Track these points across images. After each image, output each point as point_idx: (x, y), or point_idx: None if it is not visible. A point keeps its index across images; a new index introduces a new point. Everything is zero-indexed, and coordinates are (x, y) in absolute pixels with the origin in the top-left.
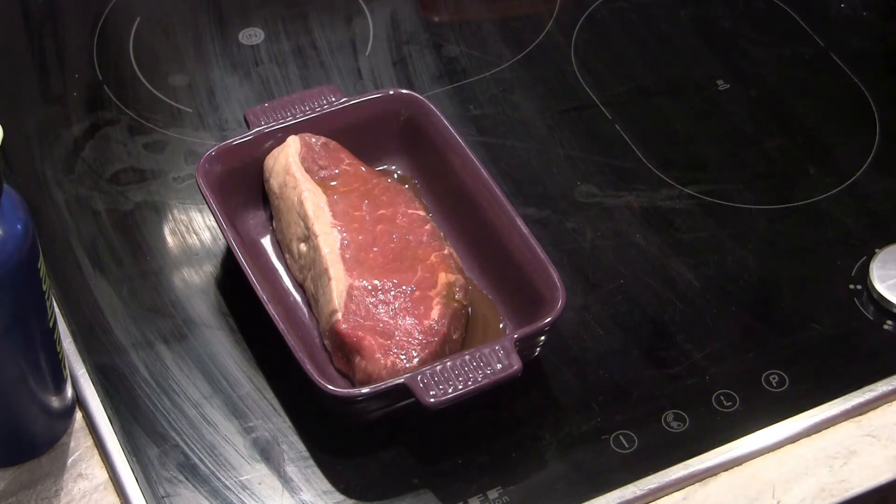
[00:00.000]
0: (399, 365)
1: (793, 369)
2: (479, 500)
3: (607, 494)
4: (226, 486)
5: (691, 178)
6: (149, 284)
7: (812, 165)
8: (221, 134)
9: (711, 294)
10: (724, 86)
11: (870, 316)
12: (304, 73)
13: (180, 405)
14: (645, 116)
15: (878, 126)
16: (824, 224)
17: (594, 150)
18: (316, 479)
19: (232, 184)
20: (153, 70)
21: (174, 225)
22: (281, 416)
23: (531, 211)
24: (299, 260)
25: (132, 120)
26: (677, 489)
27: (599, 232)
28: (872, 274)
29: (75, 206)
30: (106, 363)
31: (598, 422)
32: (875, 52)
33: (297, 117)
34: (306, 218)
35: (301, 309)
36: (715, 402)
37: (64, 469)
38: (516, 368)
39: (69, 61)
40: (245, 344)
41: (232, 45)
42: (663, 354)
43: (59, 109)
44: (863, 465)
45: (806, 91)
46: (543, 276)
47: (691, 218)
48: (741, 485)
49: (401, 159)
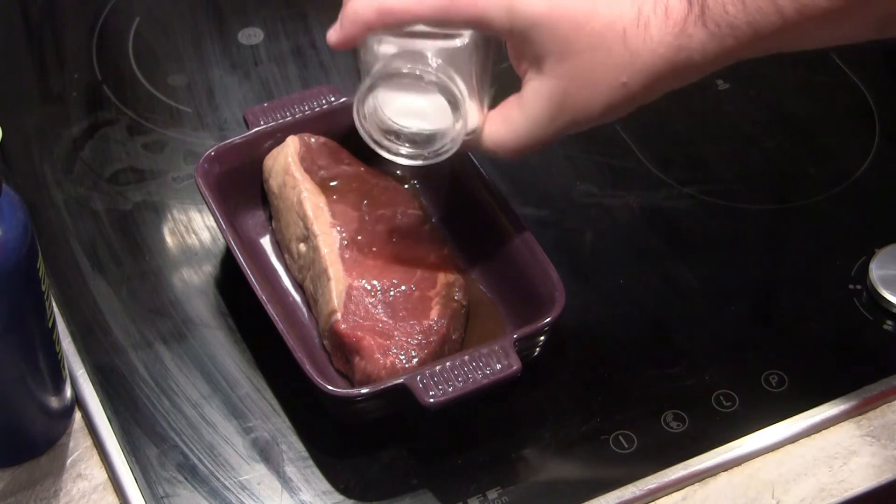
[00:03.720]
0: (398, 365)
1: (793, 369)
2: (479, 500)
3: (607, 494)
4: (225, 486)
5: (691, 178)
6: (148, 284)
7: (812, 165)
8: (221, 134)
9: (711, 294)
10: (723, 86)
11: (869, 316)
12: (304, 73)
13: (179, 405)
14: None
15: (877, 126)
16: (824, 224)
17: (593, 150)
18: (315, 480)
19: (231, 184)
20: (152, 70)
21: (173, 225)
22: (280, 416)
23: (531, 211)
24: (298, 260)
25: (131, 120)
26: (677, 489)
27: (599, 232)
28: (872, 274)
29: (74, 207)
30: (105, 363)
31: (597, 422)
32: (875, 52)
33: (297, 117)
34: (305, 218)
35: (300, 309)
36: (714, 402)
37: (63, 469)
38: (516, 368)
39: (68, 61)
40: (244, 344)
41: (231, 45)
42: (663, 354)
43: (58, 109)
44: (863, 465)
45: (806, 91)
46: (543, 276)
47: (691, 218)
48: (741, 485)
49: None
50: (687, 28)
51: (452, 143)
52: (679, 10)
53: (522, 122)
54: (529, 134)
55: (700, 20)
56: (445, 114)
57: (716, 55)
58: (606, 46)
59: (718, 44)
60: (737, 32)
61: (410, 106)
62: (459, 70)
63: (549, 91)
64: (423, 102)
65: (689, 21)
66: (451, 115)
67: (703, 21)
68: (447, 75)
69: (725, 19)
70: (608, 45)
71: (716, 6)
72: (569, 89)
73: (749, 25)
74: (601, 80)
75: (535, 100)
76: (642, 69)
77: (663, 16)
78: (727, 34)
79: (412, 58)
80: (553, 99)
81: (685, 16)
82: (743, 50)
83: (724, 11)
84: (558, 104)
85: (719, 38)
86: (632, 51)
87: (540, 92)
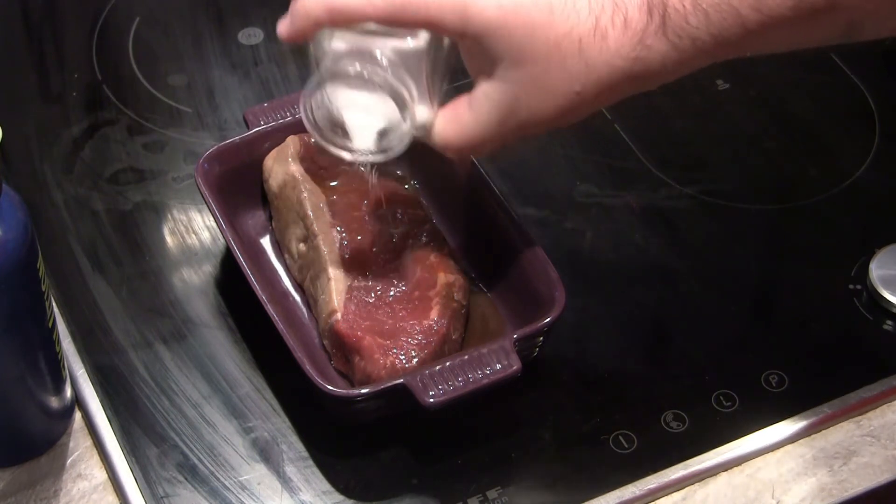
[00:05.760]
0: (398, 365)
1: (792, 369)
2: (479, 500)
3: (607, 494)
4: (225, 486)
5: (691, 178)
6: (148, 284)
7: (812, 165)
8: (221, 134)
9: (711, 294)
10: (723, 86)
11: (869, 316)
12: (304, 73)
13: (179, 405)
14: (645, 116)
15: (877, 126)
16: (824, 224)
17: (593, 150)
18: (315, 480)
19: (231, 184)
20: (152, 70)
21: (173, 225)
22: (280, 416)
23: (531, 211)
24: (298, 260)
25: (131, 120)
26: (677, 489)
27: (599, 232)
28: (872, 274)
29: (74, 207)
30: (105, 363)
31: (597, 422)
32: (875, 52)
33: (297, 117)
34: (306, 218)
35: (300, 309)
36: (714, 402)
37: (63, 469)
38: (516, 368)
39: (68, 61)
40: (244, 344)
41: (231, 45)
42: (663, 354)
43: (58, 109)
44: (862, 465)
45: (806, 91)
46: (543, 276)
47: (691, 218)
48: (741, 485)
49: (400, 159)
50: (646, 39)
51: (400, 141)
52: (638, 20)
53: (471, 123)
54: (478, 135)
55: (660, 31)
56: (394, 110)
57: (676, 64)
58: (561, 56)
59: (679, 54)
60: (698, 43)
61: (358, 102)
62: (410, 69)
63: (501, 96)
64: (371, 99)
65: (648, 32)
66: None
67: (664, 32)
68: (396, 76)
69: (687, 31)
70: (563, 55)
71: (677, 17)
72: (520, 95)
73: (711, 37)
74: (554, 88)
75: (486, 103)
76: (597, 80)
77: (622, 27)
78: (688, 45)
79: (361, 57)
80: (504, 103)
81: (644, 27)
82: (705, 58)
83: (685, 23)
84: (509, 109)
85: (680, 50)
86: (587, 61)
87: (491, 96)
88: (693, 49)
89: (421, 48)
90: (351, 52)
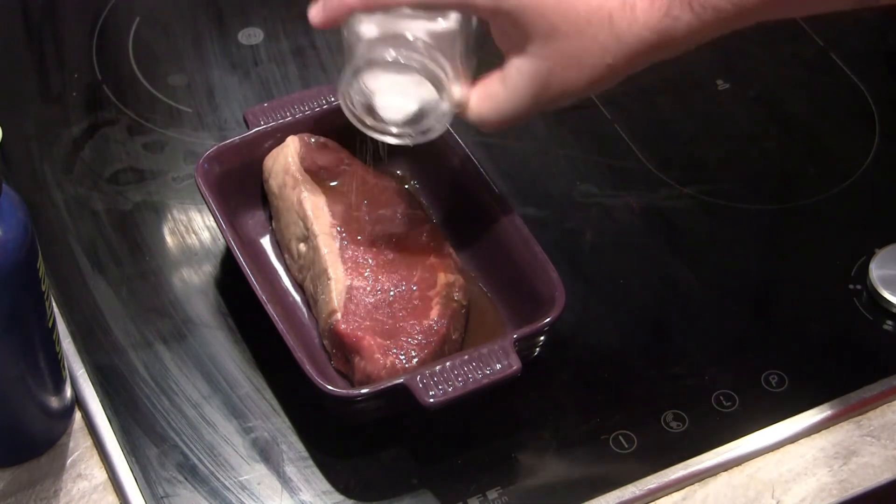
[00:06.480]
0: (398, 365)
1: (792, 369)
2: (479, 500)
3: (607, 494)
4: (225, 486)
5: (691, 178)
6: (148, 284)
7: (812, 165)
8: (221, 134)
9: (711, 294)
10: (723, 86)
11: (869, 316)
12: (304, 73)
13: (179, 405)
14: (644, 116)
15: (877, 126)
16: (824, 224)
17: (594, 150)
18: (315, 480)
19: (231, 184)
20: (152, 70)
21: (173, 225)
22: (280, 416)
23: (531, 211)
24: (298, 260)
25: (131, 120)
26: (677, 489)
27: (599, 232)
28: (872, 274)
29: (74, 207)
30: (105, 363)
31: (597, 422)
32: (875, 52)
33: (297, 117)
34: (305, 218)
35: (300, 309)
36: (714, 402)
37: (63, 469)
38: (516, 368)
39: (68, 61)
40: (244, 344)
41: (231, 45)
42: (663, 354)
43: (58, 109)
44: (862, 465)
45: (806, 91)
46: (543, 276)
47: (691, 218)
48: (741, 485)
49: (400, 159)
50: (672, 11)
51: (439, 122)
52: None
53: (506, 99)
54: (513, 110)
55: (685, 2)
56: (430, 91)
57: (699, 34)
58: (592, 30)
59: (702, 24)
60: (721, 13)
61: (396, 86)
62: (443, 50)
63: (534, 70)
64: (408, 82)
65: (673, 4)
66: (437, 95)
67: (689, 3)
68: (432, 58)
69: (710, 1)
70: (594, 29)
71: None
72: (554, 69)
73: (733, 5)
74: (587, 61)
75: (519, 78)
76: (628, 51)
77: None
78: (711, 15)
79: (396, 42)
80: (537, 78)
81: None
82: (727, 25)
83: None
84: (542, 83)
85: (703, 20)
86: (617, 34)
87: (523, 71)
88: (716, 18)
89: (454, 28)
90: (384, 37)
